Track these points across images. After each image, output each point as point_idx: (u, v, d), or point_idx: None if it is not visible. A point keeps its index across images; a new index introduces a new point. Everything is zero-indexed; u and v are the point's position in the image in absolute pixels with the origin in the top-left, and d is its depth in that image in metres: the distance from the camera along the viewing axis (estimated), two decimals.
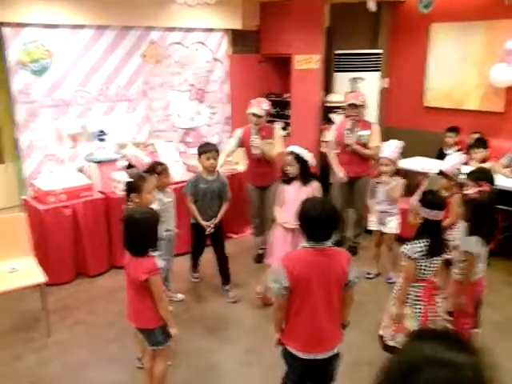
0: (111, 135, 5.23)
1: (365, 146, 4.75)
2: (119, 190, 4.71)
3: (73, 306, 4.15)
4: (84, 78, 5.04)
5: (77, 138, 5.07)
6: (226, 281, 4.31)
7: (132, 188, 3.09)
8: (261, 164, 4.73)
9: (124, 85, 5.36)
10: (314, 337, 2.37)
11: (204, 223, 4.11)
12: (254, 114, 4.66)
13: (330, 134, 5.06)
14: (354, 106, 4.77)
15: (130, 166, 3.71)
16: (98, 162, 4.90)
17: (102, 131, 5.17)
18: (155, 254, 2.67)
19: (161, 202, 3.75)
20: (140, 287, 2.60)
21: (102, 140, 5.17)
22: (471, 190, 2.97)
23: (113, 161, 4.94)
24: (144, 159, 3.69)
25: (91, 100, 5.13)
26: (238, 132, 4.89)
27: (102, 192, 4.79)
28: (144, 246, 2.61)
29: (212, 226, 4.12)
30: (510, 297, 4.20)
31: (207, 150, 4.12)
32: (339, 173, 4.84)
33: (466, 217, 3.02)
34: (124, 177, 4.71)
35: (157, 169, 3.75)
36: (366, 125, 4.83)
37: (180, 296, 4.25)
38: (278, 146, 4.72)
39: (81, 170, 5.03)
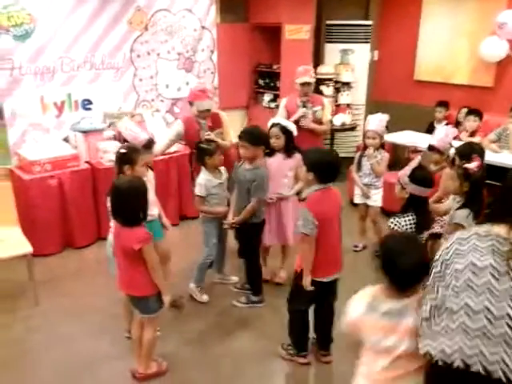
0: (97, 104, 5.12)
1: (318, 121, 4.61)
2: (106, 161, 4.65)
3: (60, 276, 4.13)
4: (68, 45, 4.89)
5: (62, 107, 4.96)
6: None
7: (125, 160, 2.98)
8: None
9: (110, 52, 5.22)
10: (334, 261, 2.91)
11: None
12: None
13: (279, 112, 4.67)
14: (307, 84, 4.55)
15: (124, 141, 3.41)
16: (84, 132, 4.80)
17: (87, 100, 5.06)
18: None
19: (208, 183, 3.56)
20: (133, 256, 2.59)
21: (87, 109, 5.07)
22: (472, 165, 2.96)
23: (99, 130, 4.85)
24: (140, 135, 3.36)
25: (76, 67, 5.00)
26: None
27: (88, 162, 4.71)
28: (132, 216, 2.59)
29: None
30: None
31: None
32: None
33: (462, 190, 3.02)
34: (113, 147, 4.68)
35: (210, 148, 3.55)
36: (317, 100, 4.69)
37: (235, 278, 4.07)
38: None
39: (66, 140, 4.93)
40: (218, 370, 3.08)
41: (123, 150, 3.02)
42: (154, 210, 3.29)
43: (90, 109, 5.08)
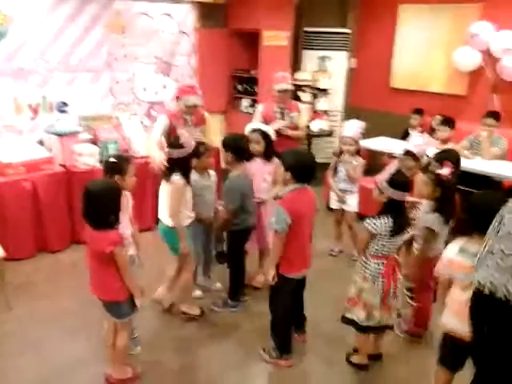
0: (73, 107, 5.06)
1: (295, 127, 4.62)
2: (81, 164, 4.59)
3: (34, 280, 4.05)
4: (44, 47, 4.84)
5: (37, 109, 4.89)
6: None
7: (116, 170, 2.87)
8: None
9: (87, 55, 5.18)
10: (305, 259, 3.05)
11: None
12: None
13: (255, 118, 4.64)
14: (285, 91, 4.58)
15: (179, 146, 3.25)
16: (59, 135, 4.73)
17: (63, 102, 5.00)
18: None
19: (196, 184, 3.48)
20: (105, 260, 2.56)
21: (63, 112, 5.00)
22: (445, 171, 3.04)
23: (74, 133, 4.79)
24: (192, 140, 3.30)
25: (52, 70, 4.94)
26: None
27: (62, 165, 4.64)
28: (104, 219, 2.55)
29: None
30: None
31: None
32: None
33: (433, 196, 3.10)
34: (89, 150, 4.62)
35: (200, 149, 3.45)
36: (294, 106, 4.72)
37: (218, 285, 4.01)
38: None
39: (41, 143, 4.85)
40: (196, 375, 3.06)
41: (113, 160, 2.90)
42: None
43: (65, 111, 5.01)
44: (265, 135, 3.80)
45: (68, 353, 3.17)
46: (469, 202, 2.50)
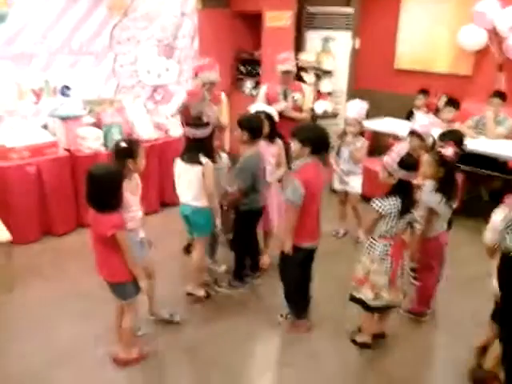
0: (76, 90, 5.05)
1: (298, 108, 4.64)
2: (86, 148, 4.60)
3: (39, 264, 4.09)
4: (46, 30, 4.80)
5: (40, 93, 4.87)
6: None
7: (127, 154, 2.85)
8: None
9: (89, 37, 5.15)
10: (317, 230, 3.15)
11: None
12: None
13: (259, 99, 4.67)
14: (288, 72, 4.57)
15: (203, 125, 3.23)
16: (63, 118, 4.73)
17: (66, 86, 4.98)
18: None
19: None
20: (108, 242, 2.59)
21: (66, 95, 4.99)
22: (448, 151, 3.02)
23: (78, 117, 4.78)
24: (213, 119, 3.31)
25: (54, 53, 4.91)
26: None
27: (67, 149, 4.65)
28: (107, 202, 2.58)
29: None
30: (470, 254, 4.36)
31: None
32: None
33: (437, 176, 3.09)
34: (93, 134, 4.62)
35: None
36: (297, 87, 4.72)
37: (223, 268, 4.03)
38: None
39: (45, 127, 4.85)
40: (201, 352, 3.10)
41: (124, 144, 2.88)
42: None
43: (68, 95, 4.99)
44: (268, 117, 3.78)
45: (75, 334, 3.22)
46: None
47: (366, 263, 2.93)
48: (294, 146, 3.02)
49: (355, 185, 4.52)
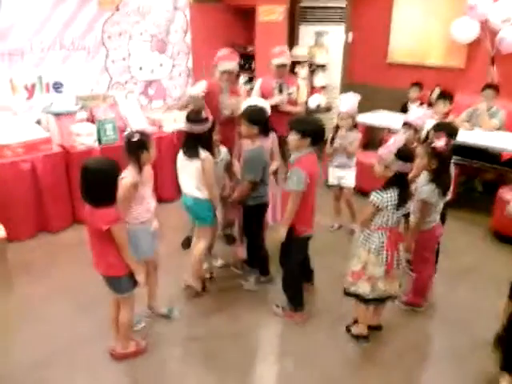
0: (69, 86, 5.03)
1: (293, 102, 4.64)
2: (79, 144, 4.58)
3: (35, 260, 4.08)
4: (38, 25, 4.77)
5: (32, 89, 4.85)
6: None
7: (141, 146, 2.85)
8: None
9: (81, 33, 5.12)
10: (312, 218, 3.23)
11: None
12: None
13: (254, 93, 4.65)
14: (283, 65, 4.56)
15: (201, 121, 3.25)
16: (56, 115, 4.71)
17: (59, 82, 4.96)
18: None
19: None
20: (103, 237, 2.59)
21: (59, 91, 4.97)
22: (441, 143, 3.04)
23: (71, 113, 4.77)
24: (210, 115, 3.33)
25: (46, 49, 4.89)
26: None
27: (61, 145, 4.63)
28: (102, 196, 2.57)
29: None
30: (465, 245, 4.41)
31: None
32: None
33: (430, 168, 3.11)
34: (86, 129, 4.60)
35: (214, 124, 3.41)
36: (292, 81, 4.72)
37: (220, 262, 4.05)
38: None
39: (38, 123, 4.83)
40: (199, 345, 3.11)
41: (136, 138, 2.86)
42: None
43: (61, 91, 4.97)
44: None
45: (72, 329, 3.22)
46: None
47: (362, 255, 2.94)
48: (293, 137, 3.06)
49: (349, 178, 4.53)
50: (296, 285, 3.38)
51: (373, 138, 5.86)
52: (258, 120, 3.46)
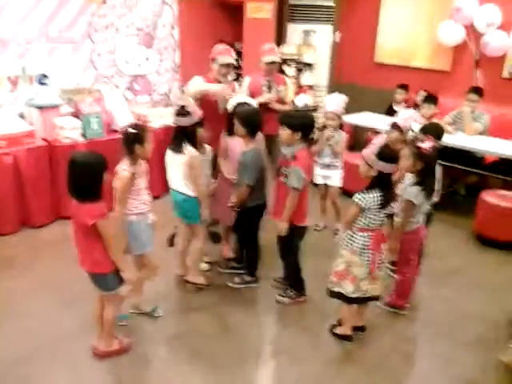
0: (53, 79, 4.94)
1: (281, 101, 4.65)
2: (63, 138, 4.52)
3: (17, 255, 4.02)
4: (22, 16, 4.68)
5: (16, 81, 4.76)
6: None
7: (136, 139, 2.84)
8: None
9: (66, 25, 5.03)
10: (307, 209, 3.39)
11: None
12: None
13: (242, 91, 4.58)
14: (273, 63, 4.58)
15: (185, 114, 3.25)
16: (40, 108, 4.63)
17: (43, 75, 4.87)
18: None
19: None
20: (89, 232, 2.56)
21: (43, 84, 4.88)
22: (426, 145, 3.07)
23: (55, 106, 4.69)
24: (198, 111, 3.32)
25: (31, 40, 4.80)
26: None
27: (44, 139, 4.55)
28: (88, 191, 2.55)
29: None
30: (447, 247, 4.47)
31: None
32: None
33: (415, 169, 3.14)
34: (70, 123, 4.53)
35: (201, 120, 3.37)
36: (281, 80, 4.74)
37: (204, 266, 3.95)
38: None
39: (21, 116, 4.74)
40: (185, 342, 3.10)
41: (133, 130, 2.86)
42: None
43: (45, 84, 4.89)
44: None
45: (55, 325, 3.18)
46: None
47: (346, 256, 2.96)
48: (284, 132, 3.14)
49: (335, 178, 4.55)
50: (298, 272, 3.54)
51: (359, 139, 5.89)
52: (251, 122, 3.41)
